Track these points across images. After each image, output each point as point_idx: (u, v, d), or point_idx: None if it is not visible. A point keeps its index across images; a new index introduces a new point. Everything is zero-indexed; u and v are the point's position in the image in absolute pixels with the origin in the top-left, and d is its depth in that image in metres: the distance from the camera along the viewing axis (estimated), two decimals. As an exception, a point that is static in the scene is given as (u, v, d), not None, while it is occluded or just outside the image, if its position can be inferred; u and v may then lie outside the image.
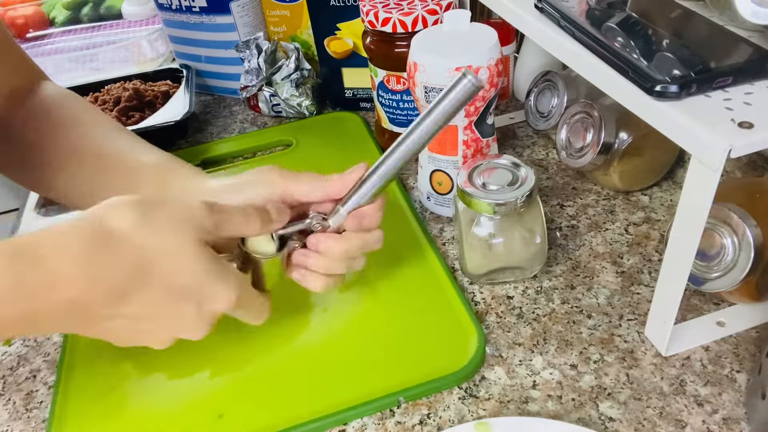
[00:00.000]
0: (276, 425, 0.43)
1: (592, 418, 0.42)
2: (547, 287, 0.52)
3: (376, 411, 0.44)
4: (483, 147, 0.57)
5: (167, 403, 0.46)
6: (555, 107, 0.63)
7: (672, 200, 0.60)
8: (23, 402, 0.48)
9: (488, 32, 0.53)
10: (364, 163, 0.45)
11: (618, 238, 0.56)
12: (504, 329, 0.49)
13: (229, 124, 0.81)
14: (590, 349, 0.46)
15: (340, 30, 0.73)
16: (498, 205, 0.47)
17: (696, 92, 0.36)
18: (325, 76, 0.79)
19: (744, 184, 0.51)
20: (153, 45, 0.97)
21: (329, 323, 0.50)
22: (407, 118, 0.66)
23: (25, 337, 0.53)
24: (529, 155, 0.68)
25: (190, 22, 0.81)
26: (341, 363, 0.47)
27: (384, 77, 0.64)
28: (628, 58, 0.39)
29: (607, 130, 0.55)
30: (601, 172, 0.59)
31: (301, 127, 0.77)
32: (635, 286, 0.51)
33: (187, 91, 0.79)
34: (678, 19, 0.44)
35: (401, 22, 0.60)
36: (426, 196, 0.61)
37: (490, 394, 0.44)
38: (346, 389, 0.45)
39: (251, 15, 0.81)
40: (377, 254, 0.55)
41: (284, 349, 0.49)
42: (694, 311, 0.49)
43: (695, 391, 0.43)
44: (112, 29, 1.08)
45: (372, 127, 0.74)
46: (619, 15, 0.45)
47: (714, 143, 0.33)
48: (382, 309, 0.51)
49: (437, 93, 0.52)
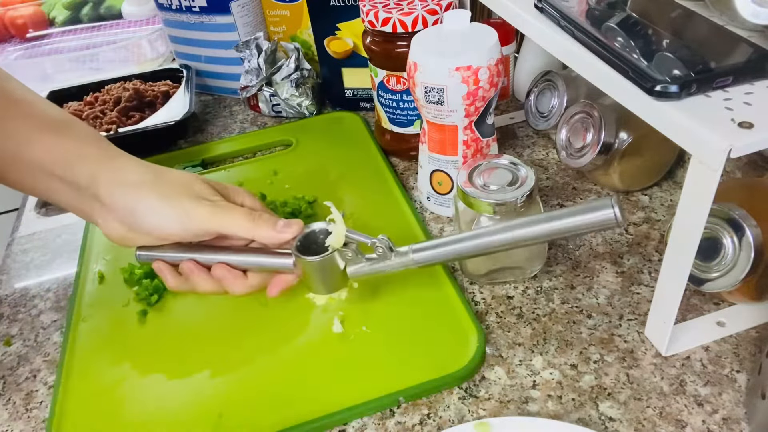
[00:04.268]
0: (276, 425, 0.43)
1: (592, 418, 0.42)
2: (547, 287, 0.52)
3: (376, 411, 0.44)
4: (483, 147, 0.57)
5: (167, 403, 0.46)
6: (555, 107, 0.63)
7: (672, 200, 0.60)
8: (23, 402, 0.48)
9: (488, 32, 0.53)
10: (300, 222, 0.46)
11: (618, 238, 0.56)
12: (504, 329, 0.49)
13: (229, 124, 0.81)
14: (590, 349, 0.46)
15: (340, 30, 0.73)
16: (498, 205, 0.47)
17: (696, 92, 0.36)
18: (325, 76, 0.79)
19: (744, 184, 0.51)
20: (153, 45, 0.98)
21: (329, 323, 0.50)
22: (407, 118, 0.66)
23: (25, 337, 0.53)
24: (529, 155, 0.68)
25: (190, 22, 0.81)
26: (341, 363, 0.47)
27: (384, 77, 0.64)
28: (628, 58, 0.39)
29: (607, 130, 0.55)
30: (601, 172, 0.59)
31: (301, 127, 0.77)
32: (635, 286, 0.51)
33: (187, 91, 0.79)
34: (678, 19, 0.44)
35: (401, 22, 0.60)
36: (426, 196, 0.61)
37: (490, 394, 0.44)
38: (346, 389, 0.45)
39: (251, 15, 0.81)
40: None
41: (284, 349, 0.49)
42: (694, 311, 0.49)
43: (695, 391, 0.43)
44: (112, 29, 1.08)
45: (372, 127, 0.74)
46: (619, 15, 0.45)
47: (714, 143, 0.33)
48: (382, 309, 0.51)
49: (437, 93, 0.52)
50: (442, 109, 0.53)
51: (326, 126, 0.77)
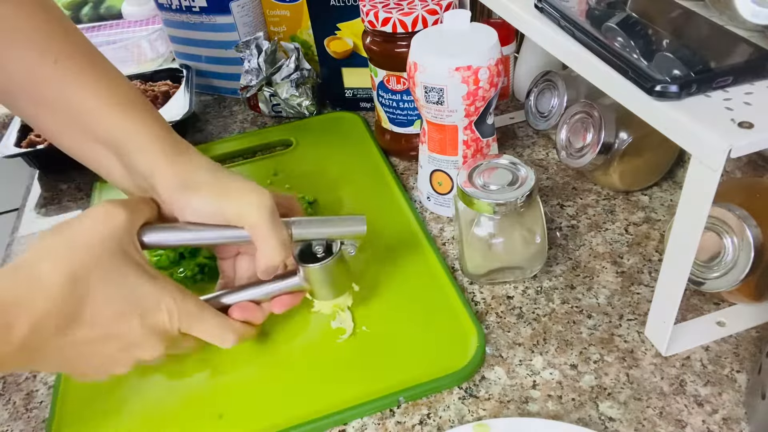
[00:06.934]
0: (276, 425, 0.43)
1: (592, 418, 0.42)
2: (547, 287, 0.52)
3: (376, 411, 0.44)
4: (483, 147, 0.57)
5: (167, 404, 0.46)
6: (555, 107, 0.63)
7: (672, 200, 0.60)
8: (23, 402, 0.48)
9: (488, 32, 0.53)
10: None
11: (618, 238, 0.56)
12: (504, 329, 0.49)
13: (229, 124, 0.81)
14: (590, 349, 0.46)
15: (340, 30, 0.73)
16: (498, 205, 0.47)
17: (696, 92, 0.36)
18: (325, 76, 0.79)
19: (744, 184, 0.51)
20: (153, 45, 0.97)
21: (329, 323, 0.50)
22: (407, 118, 0.66)
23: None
24: (529, 155, 0.68)
25: (190, 22, 0.81)
26: (341, 363, 0.47)
27: (384, 77, 0.64)
28: (628, 58, 0.39)
29: (607, 130, 0.55)
30: (601, 172, 0.59)
31: (301, 127, 0.77)
32: (635, 286, 0.51)
33: (187, 91, 0.79)
34: (678, 19, 0.44)
35: (401, 22, 0.60)
36: (426, 196, 0.61)
37: (490, 394, 0.44)
38: (346, 389, 0.45)
39: (251, 15, 0.81)
40: (377, 254, 0.55)
41: (284, 348, 0.49)
42: (694, 311, 0.49)
43: (695, 391, 0.43)
44: (112, 29, 1.08)
45: (372, 127, 0.74)
46: (619, 15, 0.45)
47: (714, 143, 0.33)
48: (382, 309, 0.51)
49: (437, 93, 0.52)
50: (442, 109, 0.53)
51: (326, 126, 0.77)
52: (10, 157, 0.70)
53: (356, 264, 0.49)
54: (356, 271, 0.53)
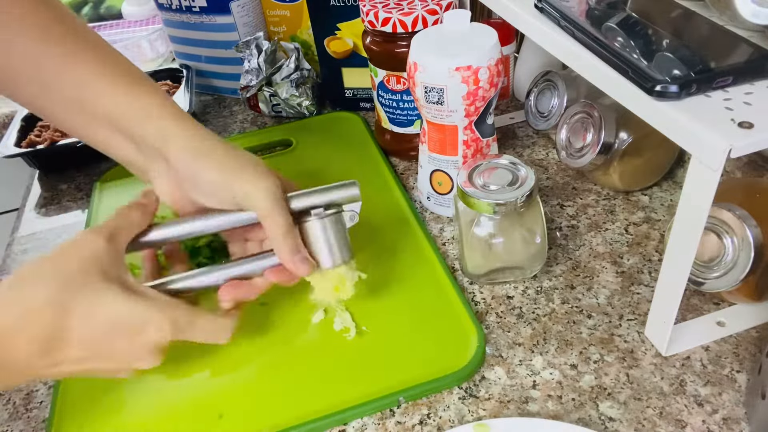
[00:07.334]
0: (276, 425, 0.43)
1: (592, 418, 0.42)
2: (547, 287, 0.52)
3: (376, 411, 0.44)
4: (483, 147, 0.57)
5: (167, 403, 0.46)
6: (555, 107, 0.63)
7: (672, 200, 0.60)
8: (23, 402, 0.48)
9: (488, 32, 0.53)
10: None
11: (618, 238, 0.56)
12: (504, 329, 0.49)
13: (229, 124, 0.81)
14: (590, 349, 0.46)
15: (340, 30, 0.73)
16: (498, 205, 0.47)
17: (696, 92, 0.36)
18: (325, 76, 0.79)
19: (744, 184, 0.51)
20: (153, 45, 0.97)
21: (329, 323, 0.50)
22: (407, 118, 0.66)
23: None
24: (529, 155, 0.68)
25: (190, 22, 0.81)
26: (341, 363, 0.47)
27: (384, 77, 0.64)
28: (628, 58, 0.39)
29: (607, 130, 0.55)
30: (601, 172, 0.59)
31: (301, 127, 0.77)
32: (635, 286, 0.51)
33: (187, 91, 0.79)
34: (678, 19, 0.44)
35: (401, 22, 0.60)
36: (426, 196, 0.61)
37: (490, 394, 0.44)
38: (346, 389, 0.45)
39: (251, 15, 0.81)
40: (377, 254, 0.55)
41: (284, 349, 0.49)
42: (694, 311, 0.49)
43: (695, 391, 0.43)
44: (112, 29, 1.08)
45: (372, 127, 0.74)
46: (619, 15, 0.45)
47: (714, 143, 0.33)
48: (382, 309, 0.51)
49: (437, 93, 0.52)
50: (442, 109, 0.53)
51: (326, 126, 0.77)
52: (10, 157, 0.70)
53: (356, 264, 0.49)
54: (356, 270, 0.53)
